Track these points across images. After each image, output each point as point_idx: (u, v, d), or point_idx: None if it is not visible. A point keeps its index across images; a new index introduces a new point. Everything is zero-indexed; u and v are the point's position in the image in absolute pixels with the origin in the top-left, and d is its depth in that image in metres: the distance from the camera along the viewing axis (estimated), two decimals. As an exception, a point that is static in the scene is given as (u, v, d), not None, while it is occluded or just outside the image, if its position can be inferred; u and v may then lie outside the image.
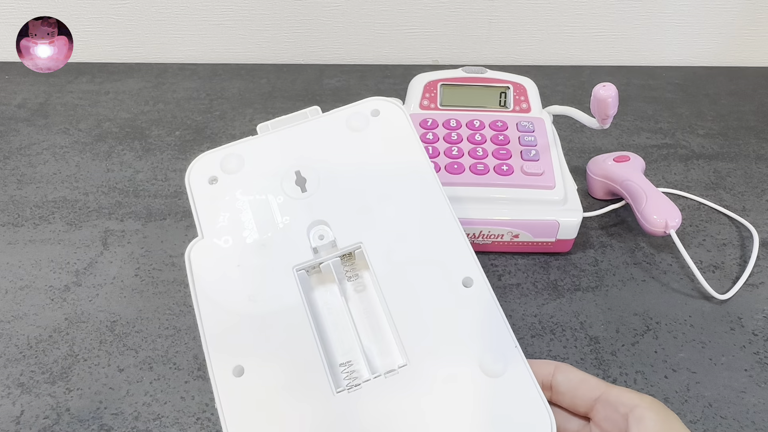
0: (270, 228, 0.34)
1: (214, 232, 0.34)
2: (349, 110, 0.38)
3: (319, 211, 0.34)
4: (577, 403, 0.29)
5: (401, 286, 0.32)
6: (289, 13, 0.77)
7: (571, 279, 0.49)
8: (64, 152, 0.63)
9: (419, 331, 0.31)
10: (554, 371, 0.30)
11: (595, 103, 0.45)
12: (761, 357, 0.43)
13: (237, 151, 0.36)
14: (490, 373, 0.29)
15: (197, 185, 0.35)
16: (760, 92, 0.74)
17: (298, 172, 0.35)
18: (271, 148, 0.36)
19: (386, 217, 0.34)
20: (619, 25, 0.79)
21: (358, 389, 0.29)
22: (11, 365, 0.42)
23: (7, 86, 0.74)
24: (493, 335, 0.30)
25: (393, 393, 0.29)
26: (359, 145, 0.36)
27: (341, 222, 0.34)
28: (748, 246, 0.52)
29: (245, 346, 0.30)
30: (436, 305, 0.31)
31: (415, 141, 0.37)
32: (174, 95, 0.72)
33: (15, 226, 0.54)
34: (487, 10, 0.77)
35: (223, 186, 0.35)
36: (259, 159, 0.36)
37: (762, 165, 0.62)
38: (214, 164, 0.36)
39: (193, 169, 0.36)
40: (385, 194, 0.35)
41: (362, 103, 0.38)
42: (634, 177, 0.53)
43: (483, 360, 0.29)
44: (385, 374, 0.30)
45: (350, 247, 0.33)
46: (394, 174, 0.35)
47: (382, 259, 0.33)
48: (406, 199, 0.34)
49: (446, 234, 0.33)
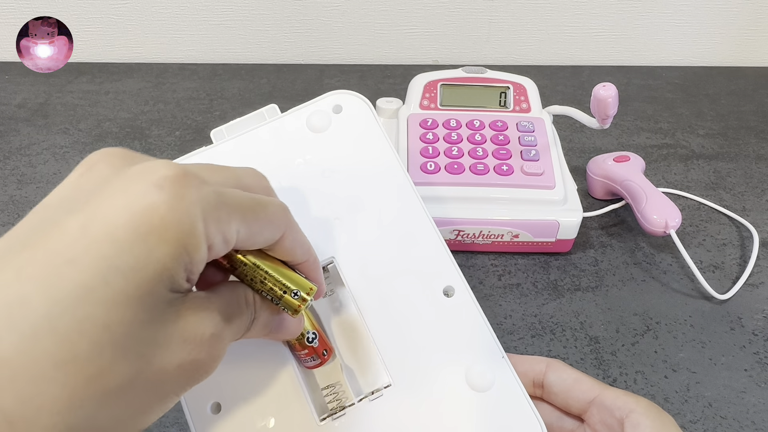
0: None
1: None
2: (308, 108, 0.34)
3: None
4: (570, 403, 0.28)
5: (379, 300, 0.30)
6: (289, 13, 0.77)
7: (571, 279, 0.49)
8: (64, 152, 0.63)
9: (402, 347, 0.29)
10: (546, 369, 0.29)
11: (595, 103, 0.45)
12: (761, 357, 0.43)
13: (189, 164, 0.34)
14: (477, 388, 0.28)
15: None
16: (760, 92, 0.74)
17: None
18: (227, 158, 0.33)
19: (358, 227, 0.31)
20: (619, 25, 0.79)
21: (342, 416, 0.28)
22: (11, 365, 0.42)
23: (7, 86, 0.74)
24: (479, 346, 0.29)
25: (379, 416, 0.28)
26: (322, 146, 0.33)
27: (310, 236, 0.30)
28: (748, 246, 0.52)
29: (220, 380, 0.28)
30: (417, 319, 0.30)
31: (383, 138, 0.34)
32: (174, 95, 0.72)
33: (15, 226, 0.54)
34: (487, 10, 0.77)
35: None
36: None
37: (762, 165, 0.62)
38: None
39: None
40: (354, 200, 0.32)
41: (323, 98, 0.35)
42: (634, 177, 0.53)
43: (470, 374, 0.28)
44: (369, 396, 0.28)
45: (322, 262, 0.31)
46: (363, 176, 0.33)
47: (357, 273, 0.31)
48: (377, 204, 0.32)
49: (423, 241, 0.31)
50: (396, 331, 0.29)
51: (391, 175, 0.33)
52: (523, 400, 0.28)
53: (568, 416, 0.29)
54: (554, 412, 0.30)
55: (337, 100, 0.35)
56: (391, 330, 0.29)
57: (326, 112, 0.34)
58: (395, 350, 0.29)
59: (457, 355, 0.29)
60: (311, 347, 0.28)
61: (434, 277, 0.30)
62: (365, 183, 0.33)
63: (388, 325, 0.30)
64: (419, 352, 0.29)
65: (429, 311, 0.30)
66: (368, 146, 0.34)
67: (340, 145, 0.34)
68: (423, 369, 0.29)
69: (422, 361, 0.29)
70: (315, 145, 0.33)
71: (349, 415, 0.28)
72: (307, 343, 0.28)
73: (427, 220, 0.32)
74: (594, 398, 0.28)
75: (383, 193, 0.32)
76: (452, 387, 0.28)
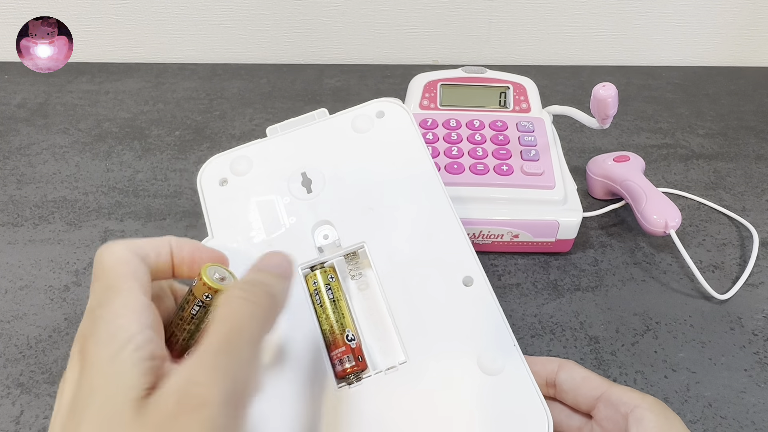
0: (277, 228, 0.34)
1: (224, 232, 0.34)
2: (354, 112, 0.39)
3: (323, 212, 0.35)
4: (579, 401, 0.29)
5: (403, 284, 0.32)
6: (289, 13, 0.77)
7: (571, 279, 0.49)
8: (64, 152, 0.63)
9: (420, 328, 0.31)
10: (558, 368, 0.30)
11: (595, 103, 0.45)
12: (761, 357, 0.43)
13: (246, 154, 0.37)
14: (488, 371, 0.29)
15: (208, 187, 0.36)
16: (760, 92, 0.74)
17: (304, 174, 0.36)
18: (278, 151, 0.37)
19: (389, 218, 0.35)
20: (619, 25, 0.79)
21: (359, 385, 0.30)
22: (11, 365, 0.42)
23: (7, 86, 0.74)
24: (492, 334, 0.31)
25: (393, 389, 0.30)
26: (364, 146, 0.37)
27: (345, 222, 0.34)
28: (748, 246, 0.52)
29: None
30: (436, 303, 0.32)
31: (419, 142, 0.37)
32: (174, 95, 0.72)
33: (15, 226, 0.54)
34: (487, 10, 0.77)
35: (232, 187, 0.36)
36: (267, 161, 0.37)
37: (762, 165, 0.62)
38: (225, 166, 0.37)
39: (204, 172, 0.37)
40: (388, 195, 0.35)
41: (368, 105, 0.39)
42: (634, 177, 0.53)
43: (481, 358, 0.30)
44: (385, 370, 0.30)
45: (353, 246, 0.34)
46: (398, 175, 0.36)
47: (385, 258, 0.33)
48: (409, 200, 0.35)
49: (447, 234, 0.34)
50: (415, 314, 0.32)
51: (423, 174, 0.36)
52: (530, 387, 0.29)
53: (577, 413, 0.30)
54: (564, 410, 0.30)
55: (380, 106, 0.39)
56: (410, 312, 0.32)
57: (370, 116, 0.38)
58: (413, 331, 0.31)
59: (471, 340, 0.31)
60: (349, 346, 0.30)
61: (455, 268, 0.33)
62: (399, 180, 0.36)
63: (409, 307, 0.32)
64: (435, 334, 0.31)
65: (448, 297, 0.32)
66: (405, 148, 0.37)
67: (380, 145, 0.37)
68: (438, 350, 0.30)
69: (437, 343, 0.31)
70: (357, 143, 0.37)
71: (365, 384, 0.30)
72: (346, 340, 0.31)
73: (453, 216, 0.35)
74: (601, 394, 0.28)
75: (414, 190, 0.36)
76: (464, 368, 0.30)
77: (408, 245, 0.34)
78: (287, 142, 0.38)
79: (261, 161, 0.37)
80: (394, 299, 0.32)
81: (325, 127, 0.38)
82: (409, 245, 0.34)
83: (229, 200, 0.36)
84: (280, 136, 0.38)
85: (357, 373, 0.30)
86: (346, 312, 0.32)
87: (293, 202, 0.35)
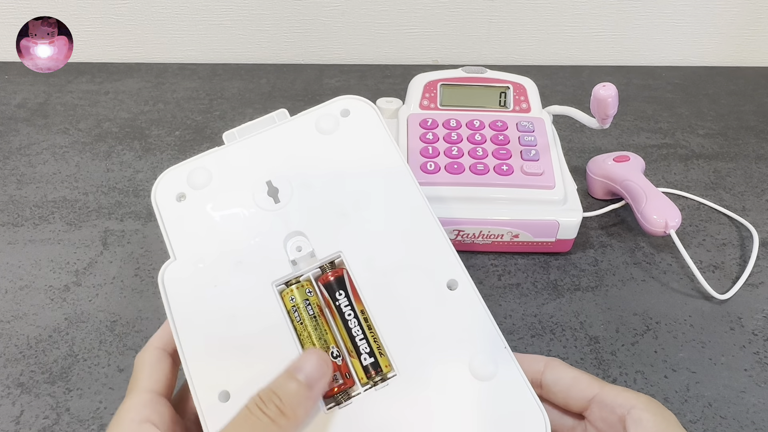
0: (245, 243, 0.32)
1: (187, 252, 0.32)
2: (317, 112, 0.36)
3: (294, 222, 0.33)
4: (570, 402, 0.29)
5: (385, 293, 0.31)
6: (289, 13, 0.77)
7: (571, 279, 0.49)
8: (64, 152, 0.63)
9: (407, 338, 0.30)
10: (544, 368, 0.29)
11: (595, 103, 0.45)
12: (761, 357, 0.43)
13: (204, 164, 0.35)
14: (480, 377, 0.29)
15: (165, 204, 0.34)
16: (760, 92, 0.74)
17: (270, 182, 0.34)
18: (239, 159, 0.35)
19: (365, 223, 0.33)
20: (619, 25, 0.79)
21: (348, 404, 0.28)
22: (11, 365, 0.42)
23: (7, 86, 0.74)
24: (482, 337, 0.30)
25: (385, 404, 0.28)
26: (330, 148, 0.35)
27: (318, 231, 0.32)
28: (748, 246, 0.52)
29: (229, 369, 0.29)
30: (422, 310, 0.30)
31: (389, 141, 0.35)
32: (174, 95, 0.72)
33: (15, 226, 0.54)
34: (487, 10, 0.77)
35: (191, 202, 0.33)
36: (228, 171, 0.35)
37: (762, 165, 0.62)
38: (181, 180, 0.34)
39: (159, 187, 0.34)
40: (361, 199, 0.33)
41: (331, 103, 0.36)
42: (634, 177, 0.53)
43: (473, 363, 0.29)
44: (375, 387, 0.29)
45: (329, 256, 0.32)
46: (369, 177, 0.34)
47: (364, 266, 0.32)
48: (383, 203, 0.33)
49: (427, 236, 0.32)
50: (401, 323, 0.30)
51: (396, 174, 0.34)
52: (525, 390, 0.28)
53: (567, 414, 0.30)
54: (553, 411, 0.30)
55: (344, 104, 0.36)
56: (396, 321, 0.30)
57: (334, 115, 0.36)
58: (400, 341, 0.30)
59: (461, 346, 0.29)
60: (335, 363, 0.29)
61: (438, 271, 0.31)
62: (371, 182, 0.34)
63: (393, 316, 0.30)
64: (423, 343, 0.30)
65: (433, 303, 0.30)
66: (374, 147, 0.35)
67: (348, 146, 0.35)
68: (427, 359, 0.29)
69: (426, 352, 0.29)
70: (323, 146, 0.35)
71: (356, 403, 0.28)
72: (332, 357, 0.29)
73: (431, 217, 0.33)
74: (594, 396, 0.28)
75: (388, 191, 0.34)
76: (456, 376, 0.29)
77: (386, 251, 0.32)
78: (248, 149, 0.35)
79: (221, 171, 0.34)
80: (377, 309, 0.30)
81: (287, 130, 0.35)
82: (387, 251, 0.32)
83: (189, 217, 0.33)
84: (239, 142, 0.35)
85: (345, 392, 0.29)
86: (328, 328, 0.30)
87: (260, 213, 0.33)
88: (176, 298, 0.31)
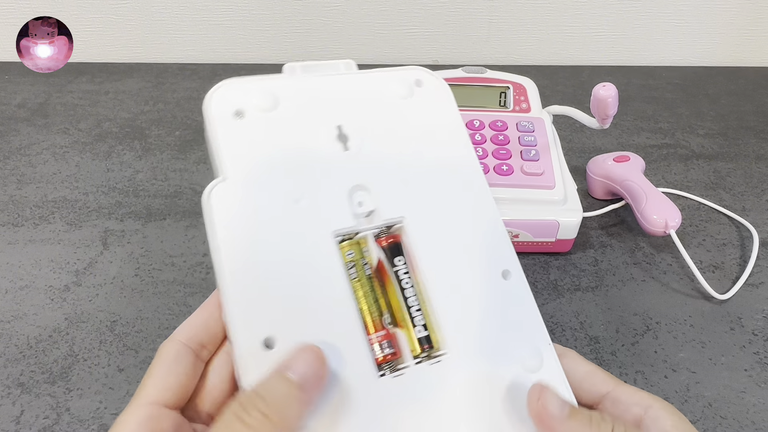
0: (307, 183, 0.29)
1: (241, 175, 0.29)
2: (391, 73, 0.34)
3: (361, 175, 0.30)
4: (582, 395, 0.29)
5: (441, 268, 0.30)
6: (289, 13, 0.77)
7: (571, 279, 0.49)
8: (64, 152, 0.63)
9: (458, 318, 0.29)
10: (559, 357, 0.29)
11: (595, 103, 0.45)
12: (761, 357, 0.43)
13: (270, 88, 0.32)
14: (527, 368, 0.28)
15: (220, 116, 0.30)
16: (760, 92, 0.74)
17: (340, 128, 0.31)
18: (308, 93, 0.32)
19: (430, 195, 0.31)
20: (619, 25, 0.79)
21: (401, 375, 0.27)
22: (11, 365, 0.42)
23: (7, 86, 0.74)
24: (531, 330, 0.30)
25: (438, 381, 0.27)
26: (404, 113, 0.33)
27: (384, 191, 0.30)
28: (748, 246, 0.52)
29: (277, 314, 0.26)
30: (475, 293, 0.30)
31: (460, 123, 0.34)
32: (174, 95, 0.72)
33: (15, 226, 0.54)
34: (487, 10, 0.77)
35: (252, 123, 0.30)
36: (296, 102, 0.31)
37: (762, 165, 0.62)
38: (243, 97, 0.31)
39: (214, 97, 0.31)
40: (428, 171, 0.32)
41: (404, 69, 0.34)
42: (634, 177, 0.53)
43: (522, 354, 0.28)
44: (428, 362, 0.28)
45: (392, 220, 0.30)
46: (439, 151, 0.33)
47: (424, 237, 0.30)
48: (450, 180, 0.32)
49: (488, 222, 0.32)
50: (453, 302, 0.29)
51: (464, 157, 0.33)
52: (563, 387, 0.28)
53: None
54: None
55: (418, 74, 0.34)
56: (448, 299, 0.29)
57: (409, 82, 0.34)
58: (452, 319, 0.29)
59: (512, 334, 0.29)
60: (387, 330, 0.27)
61: (494, 259, 0.31)
62: (440, 157, 0.33)
63: (447, 292, 0.29)
64: (475, 325, 0.29)
65: (487, 288, 0.30)
66: (446, 125, 0.33)
67: (420, 116, 0.33)
68: (478, 341, 0.28)
69: (478, 334, 0.29)
70: (397, 108, 0.33)
71: (408, 375, 0.27)
72: (384, 324, 0.27)
73: (493, 205, 0.32)
74: (608, 392, 0.28)
75: (456, 172, 0.32)
76: (506, 364, 0.28)
77: (447, 228, 0.30)
78: (318, 87, 0.32)
79: (288, 100, 0.31)
80: (432, 282, 0.29)
81: (360, 80, 0.33)
82: (448, 228, 0.30)
83: (247, 137, 0.30)
84: (305, 77, 0.32)
85: (393, 362, 0.27)
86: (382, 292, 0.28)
87: (327, 156, 0.30)
88: (225, 222, 0.27)
